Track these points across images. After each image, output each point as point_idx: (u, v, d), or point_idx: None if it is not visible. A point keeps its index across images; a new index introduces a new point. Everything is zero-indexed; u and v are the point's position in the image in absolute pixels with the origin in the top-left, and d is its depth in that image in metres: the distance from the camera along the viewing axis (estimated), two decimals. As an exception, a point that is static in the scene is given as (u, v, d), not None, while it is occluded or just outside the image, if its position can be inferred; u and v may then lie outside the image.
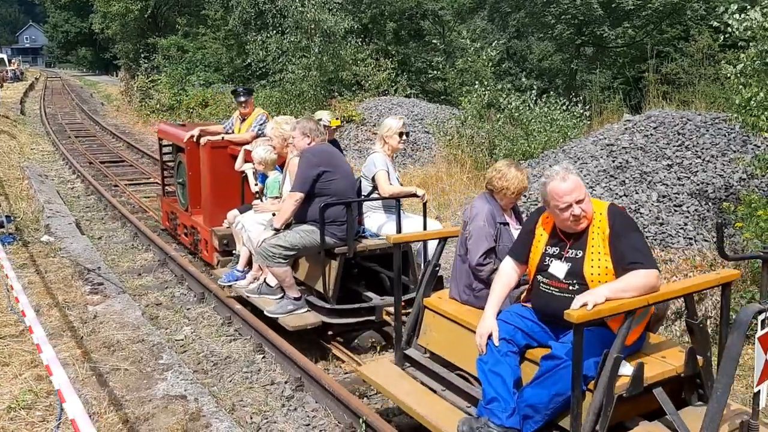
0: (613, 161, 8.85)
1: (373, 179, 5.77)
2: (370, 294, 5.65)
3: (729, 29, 6.25)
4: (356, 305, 5.46)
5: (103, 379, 4.71)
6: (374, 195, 5.84)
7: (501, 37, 23.14)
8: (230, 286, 6.16)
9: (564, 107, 12.28)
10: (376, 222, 5.87)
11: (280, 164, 6.36)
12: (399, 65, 21.87)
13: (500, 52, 16.08)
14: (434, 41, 22.28)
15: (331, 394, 4.57)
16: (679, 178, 8.23)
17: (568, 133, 11.49)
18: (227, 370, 5.27)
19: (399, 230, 5.62)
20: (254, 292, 5.82)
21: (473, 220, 4.05)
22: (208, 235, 7.29)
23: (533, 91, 12.62)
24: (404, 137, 5.92)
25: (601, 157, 9.04)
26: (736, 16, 6.17)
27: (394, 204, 5.81)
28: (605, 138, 9.58)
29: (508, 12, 25.20)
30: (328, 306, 5.39)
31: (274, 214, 5.67)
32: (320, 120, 6.14)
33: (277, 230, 5.36)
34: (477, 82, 12.46)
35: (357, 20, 20.36)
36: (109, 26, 36.56)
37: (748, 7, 6.15)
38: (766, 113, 6.19)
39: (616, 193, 8.21)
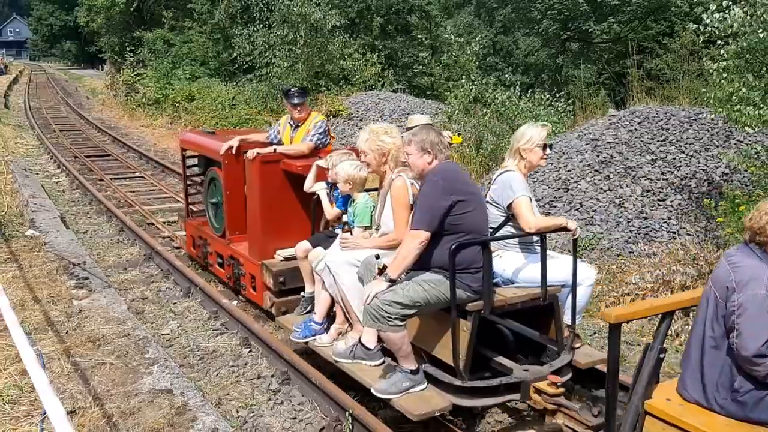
0: (598, 156, 8.91)
1: (509, 207, 4.30)
2: (503, 361, 4.22)
3: (708, 28, 6.33)
4: (495, 381, 4.05)
5: (89, 373, 4.71)
6: (509, 228, 4.39)
7: (487, 33, 23.19)
8: (306, 342, 4.86)
9: (548, 102, 12.35)
10: (512, 264, 4.37)
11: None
12: (386, 60, 21.87)
13: (484, 47, 16.11)
14: (420, 36, 22.30)
15: (318, 388, 4.59)
16: (662, 173, 8.31)
17: (553, 128, 11.55)
18: (213, 364, 5.28)
19: (544, 276, 4.11)
20: (345, 356, 4.45)
21: (746, 287, 2.77)
22: (257, 270, 5.89)
23: (517, 87, 12.68)
24: (548, 150, 4.49)
25: (586, 152, 9.11)
26: (716, 15, 6.25)
27: (533, 241, 4.40)
28: (590, 133, 9.65)
29: (494, 7, 25.27)
30: (458, 382, 4.01)
31: (377, 257, 4.31)
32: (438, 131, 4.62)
33: (393, 281, 3.95)
34: (463, 77, 12.50)
35: (344, 15, 20.33)
36: (94, 19, 36.22)
37: (729, 4, 6.22)
38: (748, 108, 6.28)
39: (601, 188, 8.28)
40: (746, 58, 6.22)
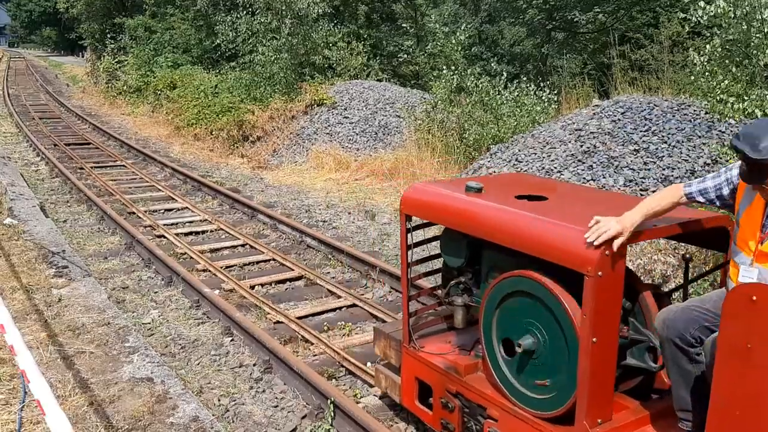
0: (581, 146, 8.94)
1: None
2: None
3: (694, 18, 6.36)
4: None
5: (68, 362, 4.66)
6: None
7: (472, 22, 23.14)
8: None
9: (533, 92, 12.35)
10: None
11: None
12: (371, 49, 21.74)
13: (469, 36, 16.06)
14: (404, 25, 22.20)
15: (300, 376, 4.58)
16: (645, 163, 8.34)
17: (537, 118, 11.56)
18: (195, 353, 5.25)
19: None
20: None
21: None
22: None
23: (503, 77, 12.67)
24: None
25: (570, 142, 9.12)
26: (701, 3, 6.28)
27: None
28: (574, 123, 9.66)
29: (480, -4, 25.21)
30: None
31: None
32: None
33: None
34: (445, 67, 12.47)
35: (328, 2, 20.16)
36: (74, 5, 35.62)
37: None
38: (730, 99, 6.32)
39: (584, 178, 8.30)
40: (730, 49, 6.25)
